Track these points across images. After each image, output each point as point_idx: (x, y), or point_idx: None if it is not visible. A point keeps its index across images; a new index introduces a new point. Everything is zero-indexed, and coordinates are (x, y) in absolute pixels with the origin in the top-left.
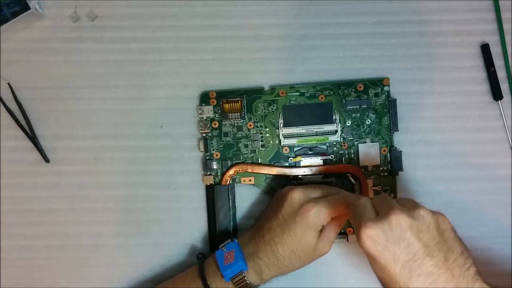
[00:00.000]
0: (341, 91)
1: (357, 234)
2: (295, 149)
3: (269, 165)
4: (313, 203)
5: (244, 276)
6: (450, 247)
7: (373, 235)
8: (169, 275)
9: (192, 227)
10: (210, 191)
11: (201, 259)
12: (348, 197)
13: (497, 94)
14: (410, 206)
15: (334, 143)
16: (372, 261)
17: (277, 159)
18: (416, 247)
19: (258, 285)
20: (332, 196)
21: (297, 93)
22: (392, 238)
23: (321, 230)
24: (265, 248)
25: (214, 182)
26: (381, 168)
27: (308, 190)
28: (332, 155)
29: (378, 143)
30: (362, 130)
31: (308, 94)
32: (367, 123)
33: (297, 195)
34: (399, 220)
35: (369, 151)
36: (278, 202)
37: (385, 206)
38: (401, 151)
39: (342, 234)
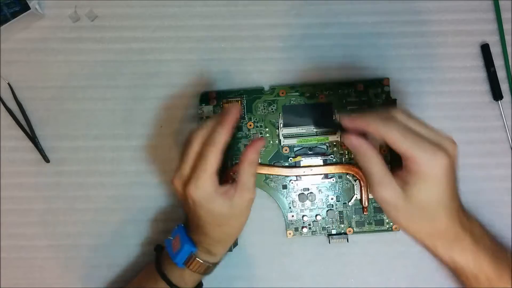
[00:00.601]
0: (341, 91)
1: (424, 155)
2: (295, 149)
3: (269, 165)
4: (188, 183)
5: (196, 258)
6: None
7: (450, 163)
8: None
9: None
10: None
11: (159, 251)
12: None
13: (497, 94)
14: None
15: (334, 143)
16: (432, 186)
17: (277, 159)
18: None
19: (215, 262)
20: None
21: (297, 93)
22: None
23: (234, 183)
24: (199, 232)
25: None
26: None
27: (196, 180)
28: (332, 155)
29: (378, 143)
30: None
31: (308, 94)
32: None
33: (176, 186)
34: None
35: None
36: (184, 201)
37: (431, 132)
38: None
39: (342, 234)
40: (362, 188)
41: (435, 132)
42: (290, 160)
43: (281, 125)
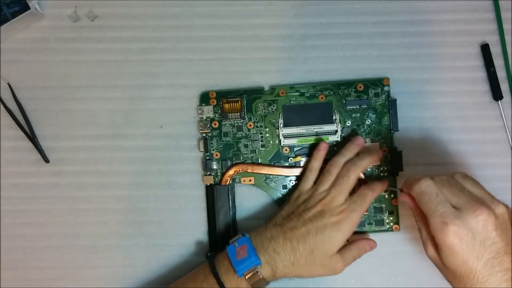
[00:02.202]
0: (341, 91)
1: (438, 229)
2: (295, 149)
3: (269, 165)
4: (345, 208)
5: (258, 271)
6: None
7: (459, 232)
8: (169, 276)
9: (192, 227)
10: (210, 191)
11: (211, 258)
12: (373, 190)
13: (497, 94)
14: (488, 200)
15: (334, 143)
16: (451, 255)
17: (277, 159)
18: (499, 246)
19: (270, 281)
20: (358, 198)
21: (297, 93)
22: (478, 237)
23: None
24: (284, 244)
25: (214, 182)
26: (381, 168)
27: (336, 196)
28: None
29: (378, 143)
30: (362, 130)
31: (308, 94)
32: (367, 123)
33: (327, 204)
34: (486, 221)
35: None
36: (303, 206)
37: (461, 197)
38: (401, 151)
39: None
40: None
41: (469, 198)
42: (290, 160)
43: (281, 125)
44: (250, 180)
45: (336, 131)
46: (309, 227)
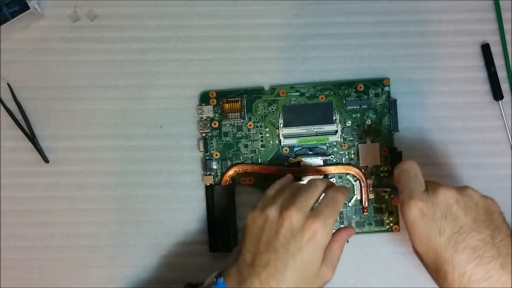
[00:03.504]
0: (341, 91)
1: (404, 202)
2: (295, 149)
3: (269, 165)
4: (318, 220)
5: None
6: (498, 227)
7: (422, 207)
8: (169, 276)
9: (191, 228)
10: (210, 191)
11: None
12: (344, 193)
13: (497, 94)
14: (459, 186)
15: (334, 143)
16: (416, 235)
17: (277, 159)
18: (462, 221)
19: None
20: (329, 203)
21: (297, 93)
22: (439, 211)
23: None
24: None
25: (214, 182)
26: (381, 169)
27: (302, 203)
28: (332, 156)
29: (378, 143)
30: (362, 130)
31: (308, 94)
32: (368, 123)
33: (294, 216)
34: (446, 195)
35: (369, 151)
36: (269, 231)
37: (433, 183)
38: (401, 151)
39: None
40: (362, 188)
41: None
42: (290, 160)
43: (281, 125)
44: (250, 180)
45: (336, 131)
46: (284, 258)
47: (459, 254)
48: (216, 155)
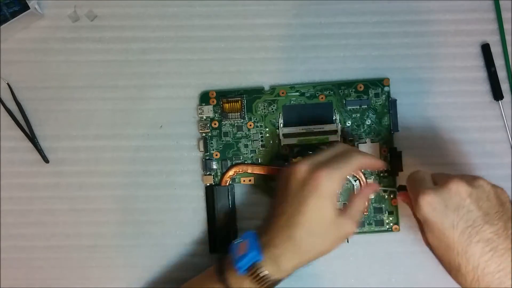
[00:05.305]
0: (341, 91)
1: (415, 202)
2: (295, 149)
3: (269, 165)
4: (322, 167)
5: (258, 268)
6: (509, 217)
7: (432, 201)
8: (169, 276)
9: (192, 228)
10: (210, 191)
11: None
12: (365, 158)
13: (497, 94)
14: (469, 177)
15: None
16: (429, 230)
17: (277, 159)
18: (475, 214)
19: (279, 278)
20: (341, 159)
21: (297, 93)
22: (451, 205)
23: (343, 208)
24: (280, 235)
25: (214, 182)
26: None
27: (313, 157)
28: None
29: (378, 143)
30: (362, 130)
31: (308, 94)
32: (367, 123)
33: (302, 166)
34: (458, 188)
35: (369, 151)
36: (284, 182)
37: (444, 176)
38: (401, 151)
39: None
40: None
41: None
42: (290, 160)
43: (281, 125)
44: (250, 180)
45: (336, 131)
46: (294, 206)
47: (472, 247)
48: (216, 155)
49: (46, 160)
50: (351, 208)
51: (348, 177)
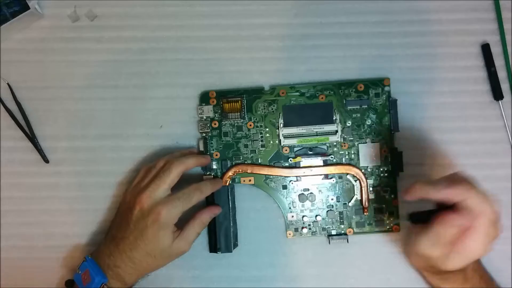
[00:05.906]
0: (341, 91)
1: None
2: (295, 149)
3: (269, 165)
4: (162, 204)
5: (108, 287)
6: None
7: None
8: (169, 276)
9: None
10: None
11: (69, 286)
12: (184, 164)
13: (497, 94)
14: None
15: (335, 144)
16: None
17: (277, 159)
18: None
19: None
20: (183, 196)
21: (297, 93)
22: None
23: (181, 230)
24: (120, 257)
25: None
26: (381, 169)
27: (154, 189)
28: (332, 156)
29: (378, 143)
30: (362, 130)
31: (308, 94)
32: (368, 123)
33: (145, 201)
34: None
35: (370, 151)
36: (128, 210)
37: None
38: (401, 151)
39: (342, 235)
40: (363, 188)
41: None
42: (290, 160)
43: (281, 125)
44: (250, 180)
45: (336, 131)
46: (135, 234)
47: None
48: (216, 155)
49: (46, 160)
50: (187, 231)
51: (348, 177)
